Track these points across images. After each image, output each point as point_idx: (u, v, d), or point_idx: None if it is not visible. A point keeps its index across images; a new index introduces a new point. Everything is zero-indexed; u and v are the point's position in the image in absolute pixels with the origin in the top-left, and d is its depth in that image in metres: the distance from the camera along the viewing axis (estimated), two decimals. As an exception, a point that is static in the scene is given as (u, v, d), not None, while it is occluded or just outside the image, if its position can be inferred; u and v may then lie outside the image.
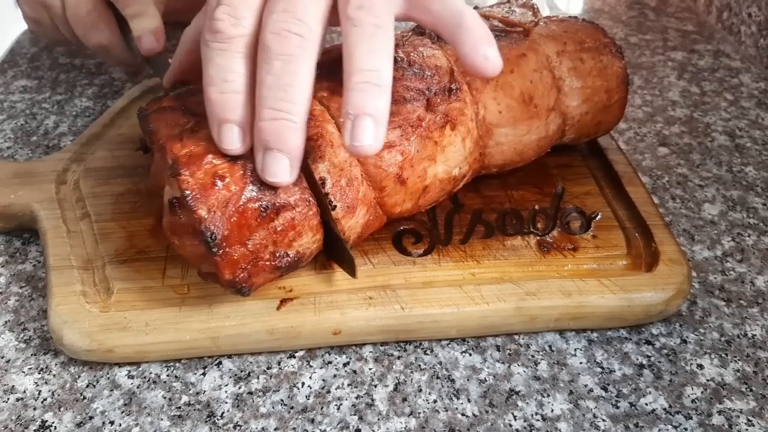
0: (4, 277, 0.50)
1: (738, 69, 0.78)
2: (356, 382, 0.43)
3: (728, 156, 0.64)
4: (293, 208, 0.40)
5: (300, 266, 0.43)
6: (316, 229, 0.41)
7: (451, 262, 0.48)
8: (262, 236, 0.40)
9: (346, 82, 0.37)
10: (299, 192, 0.40)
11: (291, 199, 0.40)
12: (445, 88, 0.46)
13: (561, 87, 0.51)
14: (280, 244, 0.40)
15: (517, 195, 0.53)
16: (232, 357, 0.45)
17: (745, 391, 0.43)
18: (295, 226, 0.40)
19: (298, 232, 0.41)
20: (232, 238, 0.39)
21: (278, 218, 0.40)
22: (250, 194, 0.39)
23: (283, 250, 0.41)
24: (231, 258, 0.39)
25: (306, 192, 0.41)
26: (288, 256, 0.41)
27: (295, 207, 0.40)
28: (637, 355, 0.45)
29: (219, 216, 0.38)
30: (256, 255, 0.40)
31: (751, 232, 0.55)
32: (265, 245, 0.40)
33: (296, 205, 0.40)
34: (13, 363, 0.44)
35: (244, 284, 0.40)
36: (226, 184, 0.39)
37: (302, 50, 0.38)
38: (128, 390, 0.43)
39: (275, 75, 0.37)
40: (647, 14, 0.90)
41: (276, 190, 0.40)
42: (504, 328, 0.46)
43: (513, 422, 0.41)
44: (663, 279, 0.46)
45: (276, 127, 0.38)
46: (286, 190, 0.40)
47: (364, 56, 0.37)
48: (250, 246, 0.39)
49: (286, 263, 0.41)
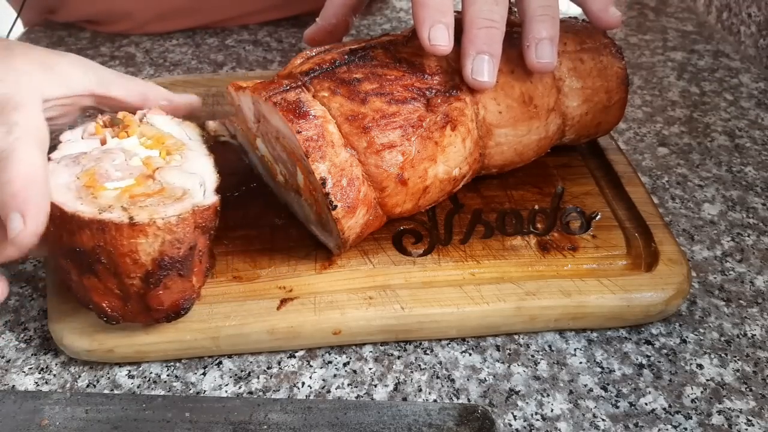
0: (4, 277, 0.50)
1: (738, 69, 0.78)
2: (356, 381, 0.43)
3: (728, 156, 0.64)
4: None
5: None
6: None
7: (451, 262, 0.48)
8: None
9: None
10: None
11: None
12: (445, 89, 0.46)
13: (561, 87, 0.51)
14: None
15: (517, 195, 0.53)
16: (233, 357, 0.45)
17: (745, 391, 0.43)
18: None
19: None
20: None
21: None
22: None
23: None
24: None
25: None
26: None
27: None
28: (636, 355, 0.45)
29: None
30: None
31: (750, 232, 0.55)
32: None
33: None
34: (13, 363, 0.44)
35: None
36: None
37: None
38: (128, 390, 0.43)
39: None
40: (647, 14, 0.90)
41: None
42: (504, 328, 0.46)
43: (513, 422, 0.41)
44: (663, 279, 0.46)
45: (490, 34, 0.45)
46: None
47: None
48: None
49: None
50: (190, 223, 0.39)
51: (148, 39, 0.81)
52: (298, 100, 0.44)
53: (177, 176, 0.42)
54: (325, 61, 0.46)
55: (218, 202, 0.41)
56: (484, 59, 0.45)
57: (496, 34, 0.45)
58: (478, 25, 0.45)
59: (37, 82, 0.45)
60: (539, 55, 0.46)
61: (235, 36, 0.82)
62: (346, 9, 0.56)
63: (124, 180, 0.42)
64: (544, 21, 0.46)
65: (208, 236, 0.41)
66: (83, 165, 0.42)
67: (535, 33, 0.46)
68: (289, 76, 0.46)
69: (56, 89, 0.46)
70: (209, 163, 0.45)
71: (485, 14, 0.45)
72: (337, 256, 0.48)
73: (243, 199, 0.52)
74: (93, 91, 0.48)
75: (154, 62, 0.76)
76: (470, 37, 0.45)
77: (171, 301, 0.41)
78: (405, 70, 0.46)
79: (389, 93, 0.45)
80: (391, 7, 0.90)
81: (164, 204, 0.40)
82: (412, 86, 0.45)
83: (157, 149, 0.45)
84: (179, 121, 0.48)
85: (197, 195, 0.41)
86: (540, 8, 0.47)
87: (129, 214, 0.38)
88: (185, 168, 0.43)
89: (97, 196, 0.40)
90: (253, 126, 0.48)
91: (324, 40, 0.56)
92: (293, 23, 0.85)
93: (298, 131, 0.42)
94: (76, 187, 0.40)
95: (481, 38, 0.45)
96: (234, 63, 0.77)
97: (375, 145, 0.44)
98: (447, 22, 0.44)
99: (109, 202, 0.40)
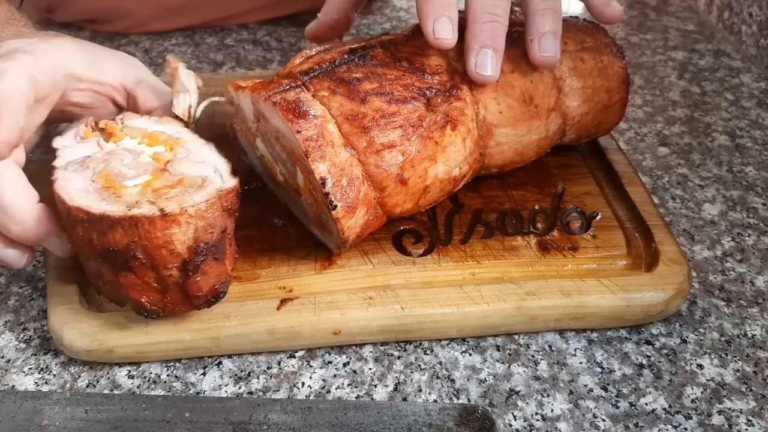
0: (4, 277, 0.50)
1: (739, 69, 0.78)
2: (356, 381, 0.43)
3: (728, 156, 0.64)
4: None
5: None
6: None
7: (451, 262, 0.48)
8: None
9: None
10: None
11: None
12: (445, 88, 0.46)
13: (561, 87, 0.51)
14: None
15: (517, 195, 0.53)
16: (232, 357, 0.45)
17: (745, 391, 0.43)
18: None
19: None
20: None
21: None
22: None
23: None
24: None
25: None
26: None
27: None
28: (637, 355, 0.45)
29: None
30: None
31: (751, 232, 0.55)
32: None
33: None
34: (13, 363, 0.44)
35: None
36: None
37: None
38: (128, 390, 0.43)
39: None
40: (648, 14, 0.90)
41: None
42: (504, 328, 0.46)
43: (513, 422, 0.41)
44: (663, 279, 0.46)
45: (494, 28, 0.45)
46: None
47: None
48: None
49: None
50: (218, 207, 0.40)
51: (148, 38, 0.80)
52: (298, 99, 0.44)
53: (190, 166, 0.43)
54: (324, 60, 0.46)
55: (238, 184, 0.42)
56: (487, 53, 0.45)
57: (500, 28, 0.45)
58: (482, 20, 0.45)
59: (69, 57, 0.46)
60: (542, 48, 0.47)
61: (235, 35, 0.82)
62: (348, 5, 0.56)
63: (141, 176, 0.42)
64: (547, 15, 0.47)
65: (233, 219, 0.42)
66: (93, 168, 0.42)
67: (539, 27, 0.47)
68: (288, 76, 0.46)
69: (87, 71, 0.47)
70: (212, 149, 0.45)
71: (489, 8, 0.45)
72: (337, 256, 0.48)
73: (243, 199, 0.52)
74: (126, 86, 0.49)
75: (153, 62, 0.76)
76: (474, 32, 0.45)
77: (209, 286, 0.41)
78: (405, 70, 0.46)
79: (389, 92, 0.45)
80: (391, 6, 0.90)
81: (188, 193, 0.40)
82: (412, 86, 0.45)
83: (161, 145, 0.45)
84: (157, 119, 0.48)
85: (217, 180, 0.42)
86: (542, 2, 0.47)
87: (159, 207, 0.38)
88: (193, 158, 0.44)
89: (121, 195, 0.40)
90: (252, 126, 0.48)
91: (325, 36, 0.56)
92: (293, 22, 0.84)
93: (298, 131, 0.42)
94: (95, 190, 0.40)
95: (485, 32, 0.45)
96: (233, 62, 0.77)
97: (375, 144, 0.44)
98: (451, 15, 0.44)
99: (134, 198, 0.40)
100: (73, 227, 0.40)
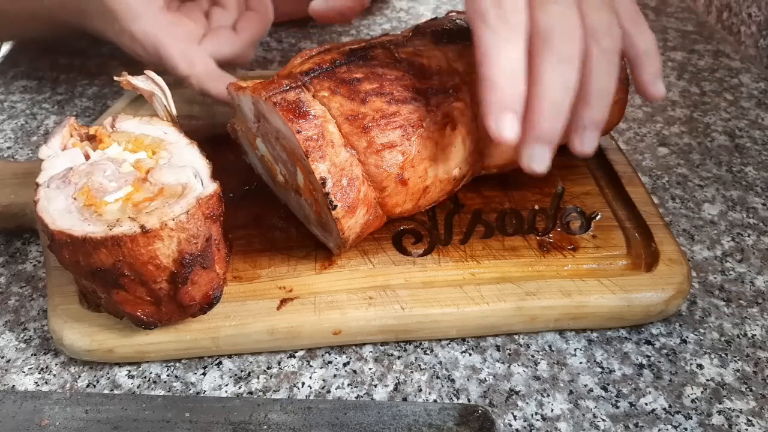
0: (4, 277, 0.50)
1: (738, 69, 0.78)
2: (356, 381, 0.43)
3: (728, 156, 0.64)
4: None
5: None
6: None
7: (451, 262, 0.48)
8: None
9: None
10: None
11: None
12: (445, 89, 0.46)
13: (561, 87, 0.51)
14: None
15: (517, 195, 0.53)
16: (233, 357, 0.45)
17: (745, 391, 0.43)
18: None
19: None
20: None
21: None
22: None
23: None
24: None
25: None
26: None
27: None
28: (636, 355, 0.45)
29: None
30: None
31: (750, 232, 0.55)
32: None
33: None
34: (13, 363, 0.44)
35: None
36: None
37: (578, 53, 0.40)
38: (128, 390, 0.43)
39: (562, 76, 0.40)
40: (647, 14, 0.90)
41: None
42: (504, 328, 0.46)
43: (513, 422, 0.41)
44: (663, 279, 0.46)
45: (555, 126, 0.40)
46: None
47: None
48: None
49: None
50: (200, 216, 0.40)
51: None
52: (298, 99, 0.44)
53: (170, 173, 0.42)
54: (325, 60, 0.46)
55: (218, 187, 0.42)
56: (545, 149, 0.41)
57: (562, 120, 0.41)
58: (547, 111, 0.40)
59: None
60: (585, 144, 0.43)
61: (235, 36, 0.82)
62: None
63: (122, 189, 0.41)
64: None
65: (219, 224, 0.42)
66: (75, 183, 0.42)
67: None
68: (289, 76, 0.46)
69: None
70: (195, 151, 0.45)
71: (558, 90, 0.40)
72: (337, 256, 0.48)
73: (243, 199, 0.52)
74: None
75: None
76: (533, 123, 0.40)
77: (201, 294, 0.41)
78: (405, 70, 0.46)
79: (389, 93, 0.45)
80: (391, 7, 0.90)
81: (169, 204, 0.40)
82: (412, 86, 0.45)
83: (143, 151, 0.45)
84: (147, 119, 0.48)
85: (196, 186, 0.41)
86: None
87: (139, 223, 0.38)
88: (174, 162, 0.43)
89: (102, 213, 0.40)
90: (253, 126, 0.48)
91: (332, 18, 0.56)
92: (293, 23, 0.85)
93: (298, 131, 0.42)
94: (77, 209, 0.40)
95: (546, 130, 0.40)
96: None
97: (375, 144, 0.44)
98: (517, 109, 0.40)
99: (115, 215, 0.39)
100: (59, 250, 0.39)
